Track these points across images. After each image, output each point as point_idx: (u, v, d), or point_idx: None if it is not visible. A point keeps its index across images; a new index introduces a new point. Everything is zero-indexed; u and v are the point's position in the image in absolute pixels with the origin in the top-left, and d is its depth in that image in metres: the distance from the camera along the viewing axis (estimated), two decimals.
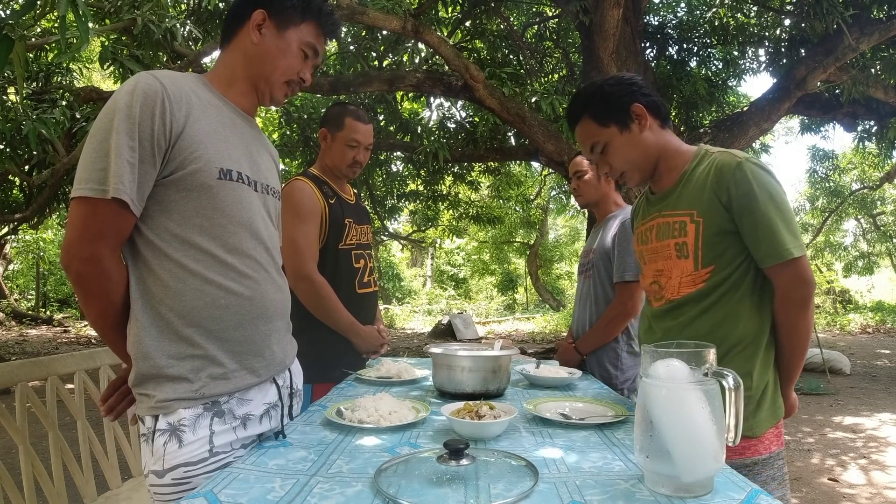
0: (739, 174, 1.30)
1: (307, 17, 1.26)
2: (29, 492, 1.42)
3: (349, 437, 1.23)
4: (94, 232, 1.04)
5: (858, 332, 12.86)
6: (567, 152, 5.29)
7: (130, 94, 1.05)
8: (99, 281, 1.07)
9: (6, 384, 1.48)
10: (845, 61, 5.62)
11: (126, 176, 1.03)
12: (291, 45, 1.25)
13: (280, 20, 1.24)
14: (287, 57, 1.25)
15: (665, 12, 7.85)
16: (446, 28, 6.92)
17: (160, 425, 1.09)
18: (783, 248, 1.26)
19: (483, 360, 1.64)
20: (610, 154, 1.47)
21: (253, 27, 1.23)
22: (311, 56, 1.29)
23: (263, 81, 1.26)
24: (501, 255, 20.55)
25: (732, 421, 0.92)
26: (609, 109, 1.44)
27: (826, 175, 14.52)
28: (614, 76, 1.50)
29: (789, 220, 1.30)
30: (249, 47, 1.24)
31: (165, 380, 1.10)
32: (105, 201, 1.02)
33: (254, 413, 1.20)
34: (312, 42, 1.28)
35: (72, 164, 5.10)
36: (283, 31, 1.24)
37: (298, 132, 7.49)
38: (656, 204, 1.49)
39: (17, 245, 14.93)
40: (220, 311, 1.14)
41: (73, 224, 1.05)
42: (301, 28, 1.26)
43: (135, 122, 1.04)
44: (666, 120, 1.46)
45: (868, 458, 3.92)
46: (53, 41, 4.74)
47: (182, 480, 1.08)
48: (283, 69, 1.25)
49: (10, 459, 1.48)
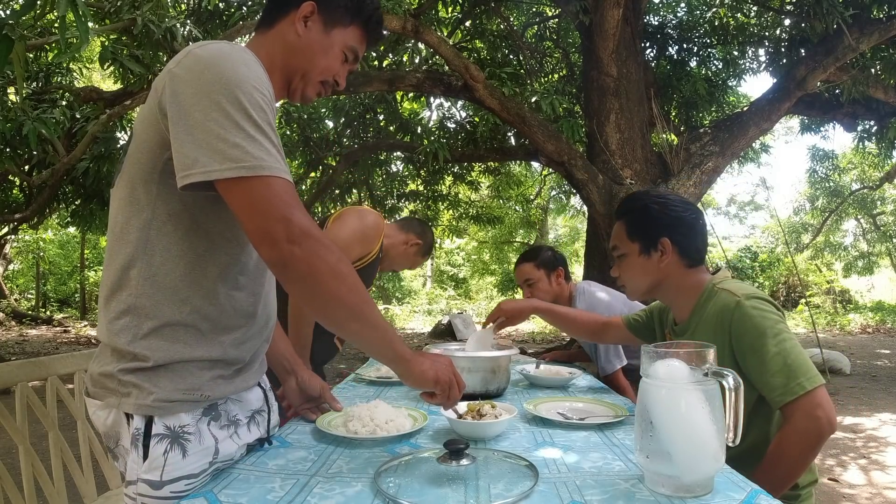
0: (738, 314, 1.29)
1: (356, 21, 1.20)
2: (29, 492, 1.42)
3: (349, 438, 1.23)
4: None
5: (858, 332, 12.86)
6: (567, 152, 5.29)
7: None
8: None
9: (6, 384, 1.48)
10: (845, 61, 5.62)
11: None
12: (335, 45, 1.18)
13: (328, 17, 1.17)
14: (328, 56, 1.18)
15: (665, 12, 7.85)
16: (446, 28, 6.92)
17: (157, 429, 0.97)
18: (794, 384, 1.21)
19: (483, 361, 1.64)
20: (623, 266, 1.50)
21: (299, 18, 1.15)
22: (350, 60, 1.23)
23: (299, 76, 1.18)
24: (501, 255, 20.54)
25: (732, 421, 0.92)
26: (641, 228, 1.45)
27: (826, 175, 14.51)
28: (669, 198, 1.47)
29: (797, 354, 1.24)
30: (293, 38, 1.16)
31: (165, 372, 0.98)
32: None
33: (242, 418, 1.12)
34: (355, 47, 1.21)
35: (72, 164, 5.10)
36: (330, 29, 1.17)
37: (298, 132, 7.49)
38: (677, 334, 1.51)
39: (17, 245, 14.93)
40: (238, 316, 1.07)
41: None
42: (348, 30, 1.19)
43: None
44: (695, 262, 1.44)
45: (868, 458, 3.92)
46: (53, 41, 4.73)
47: (181, 493, 0.97)
48: (323, 68, 1.18)
49: (10, 459, 1.48)
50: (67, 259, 16.01)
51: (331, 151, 7.55)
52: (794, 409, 1.20)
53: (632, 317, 1.80)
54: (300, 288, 0.94)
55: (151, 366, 0.97)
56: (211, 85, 0.91)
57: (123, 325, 0.99)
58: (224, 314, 1.04)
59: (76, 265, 15.20)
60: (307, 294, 0.95)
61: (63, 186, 6.29)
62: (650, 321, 1.72)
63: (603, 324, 1.89)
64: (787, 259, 17.36)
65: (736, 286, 1.36)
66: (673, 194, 1.53)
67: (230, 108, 0.91)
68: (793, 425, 1.21)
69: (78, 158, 5.03)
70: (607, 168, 5.41)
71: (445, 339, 10.62)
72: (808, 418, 1.19)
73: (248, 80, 0.94)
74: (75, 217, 6.91)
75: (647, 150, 5.72)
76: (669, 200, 1.46)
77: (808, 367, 1.23)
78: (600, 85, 5.56)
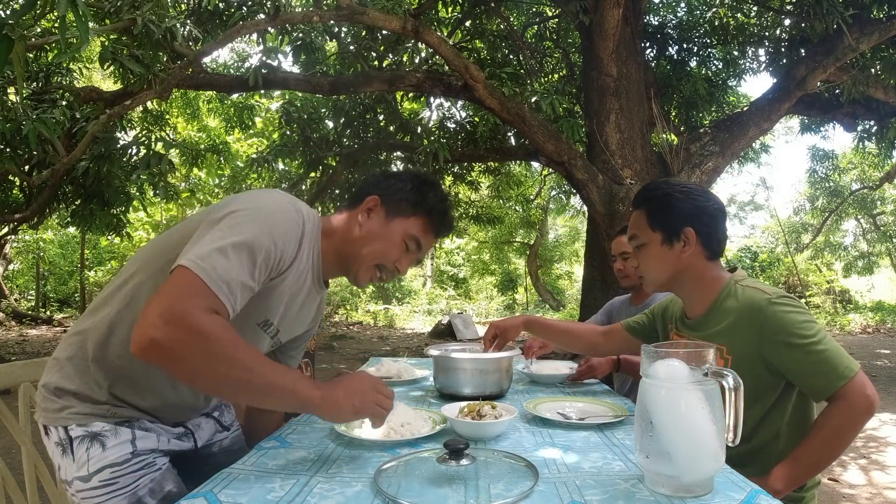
0: (771, 311, 1.28)
1: (418, 212, 1.27)
2: (31, 492, 1.42)
3: (349, 438, 1.23)
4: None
5: (858, 332, 12.85)
6: (567, 152, 5.29)
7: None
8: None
9: (8, 384, 1.48)
10: (845, 61, 5.62)
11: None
12: (395, 233, 1.25)
13: (390, 208, 1.26)
14: (384, 242, 1.24)
15: (665, 12, 7.85)
16: (446, 28, 6.92)
17: (76, 433, 1.11)
18: (843, 368, 1.23)
19: (485, 363, 1.64)
20: (642, 255, 1.46)
21: (364, 209, 1.25)
22: (412, 249, 1.28)
23: (353, 259, 1.26)
24: (501, 255, 20.53)
25: (732, 421, 0.93)
26: (664, 217, 1.41)
27: (826, 175, 14.49)
28: (691, 187, 1.44)
29: (835, 345, 1.27)
30: (355, 227, 1.25)
31: (87, 400, 1.13)
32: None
33: (159, 429, 1.21)
34: (417, 236, 1.27)
35: (72, 164, 5.10)
36: (391, 219, 1.25)
37: (298, 132, 7.49)
38: (689, 328, 1.49)
39: (17, 245, 14.92)
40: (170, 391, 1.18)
41: None
42: (409, 220, 1.26)
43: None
44: (716, 254, 1.43)
45: (868, 458, 3.92)
46: (53, 41, 4.74)
47: (110, 481, 1.09)
48: (376, 252, 1.24)
49: (10, 459, 1.48)
50: (67, 259, 16.00)
51: (331, 151, 7.55)
52: (848, 391, 1.23)
53: (632, 321, 1.78)
54: (168, 370, 0.99)
55: (73, 390, 1.13)
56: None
57: (74, 359, 1.14)
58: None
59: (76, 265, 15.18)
60: (178, 374, 0.98)
61: (63, 186, 6.28)
62: (652, 322, 1.71)
63: (602, 333, 1.85)
64: (787, 259, 17.36)
65: (763, 285, 1.36)
66: (694, 185, 1.49)
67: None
68: (848, 403, 1.24)
69: (78, 158, 5.03)
70: (607, 168, 5.41)
71: (445, 339, 10.62)
72: (862, 396, 1.23)
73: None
74: (75, 217, 6.89)
75: (647, 150, 5.72)
76: (692, 190, 1.43)
77: (846, 353, 1.27)
78: (600, 85, 5.56)
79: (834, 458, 1.30)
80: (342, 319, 15.11)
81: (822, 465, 1.30)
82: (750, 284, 1.38)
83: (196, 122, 10.26)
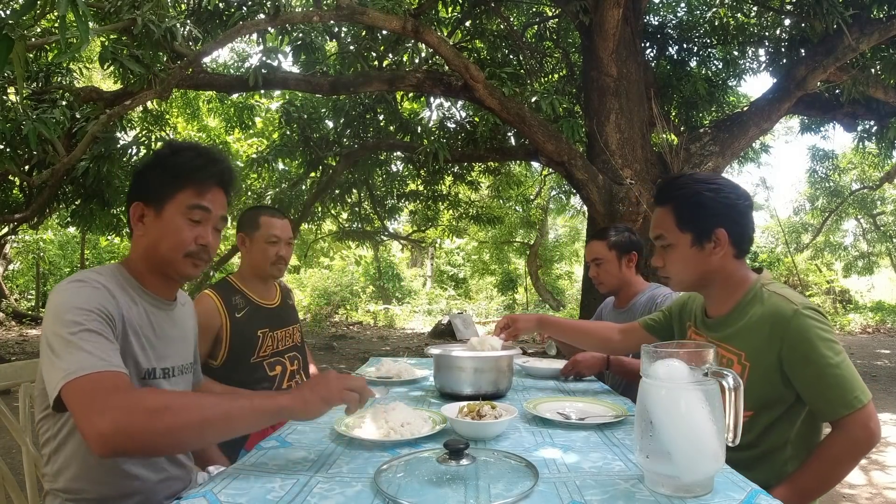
0: (796, 324, 1.24)
1: (178, 184, 1.24)
2: (32, 492, 1.42)
3: (349, 438, 1.23)
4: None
5: (858, 332, 12.86)
6: (567, 152, 5.29)
7: None
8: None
9: (8, 384, 1.48)
10: (845, 61, 5.61)
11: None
12: (174, 219, 1.23)
13: (156, 203, 1.24)
14: (169, 232, 1.23)
15: (665, 12, 7.84)
16: (446, 28, 6.91)
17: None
18: (851, 397, 1.21)
19: (485, 362, 1.64)
20: (669, 257, 1.39)
21: (135, 220, 1.25)
22: (202, 218, 1.25)
23: (163, 265, 1.26)
24: (501, 255, 20.51)
25: (732, 421, 0.93)
26: (693, 218, 1.34)
27: (826, 175, 14.49)
28: (720, 183, 1.36)
29: (851, 369, 1.24)
30: (141, 240, 1.26)
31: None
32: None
33: None
34: (196, 202, 1.24)
35: (72, 164, 5.10)
36: (161, 209, 1.24)
37: (298, 132, 7.48)
38: (709, 328, 1.44)
39: (17, 245, 14.92)
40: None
41: None
42: (177, 198, 1.24)
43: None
44: (744, 252, 1.38)
45: (868, 458, 3.92)
46: (53, 41, 4.73)
47: None
48: (171, 246, 1.23)
49: (10, 459, 1.48)
50: (67, 259, 16.00)
51: (331, 151, 7.55)
52: (850, 421, 1.21)
53: (649, 319, 1.75)
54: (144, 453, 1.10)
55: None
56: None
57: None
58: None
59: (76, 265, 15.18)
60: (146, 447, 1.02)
61: (63, 186, 6.27)
62: (669, 320, 1.68)
63: (620, 331, 1.81)
64: (787, 259, 17.35)
65: (789, 292, 1.32)
66: (721, 178, 1.42)
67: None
68: (848, 434, 1.22)
69: (78, 158, 5.03)
70: (607, 168, 5.40)
71: (445, 340, 10.62)
72: (863, 429, 1.21)
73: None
74: (75, 217, 6.89)
75: (647, 150, 5.72)
76: (722, 186, 1.35)
77: (860, 381, 1.24)
78: (600, 85, 5.55)
79: (832, 485, 1.29)
80: (342, 319, 15.11)
81: (821, 491, 1.28)
82: (777, 290, 1.33)
83: (196, 122, 10.26)
